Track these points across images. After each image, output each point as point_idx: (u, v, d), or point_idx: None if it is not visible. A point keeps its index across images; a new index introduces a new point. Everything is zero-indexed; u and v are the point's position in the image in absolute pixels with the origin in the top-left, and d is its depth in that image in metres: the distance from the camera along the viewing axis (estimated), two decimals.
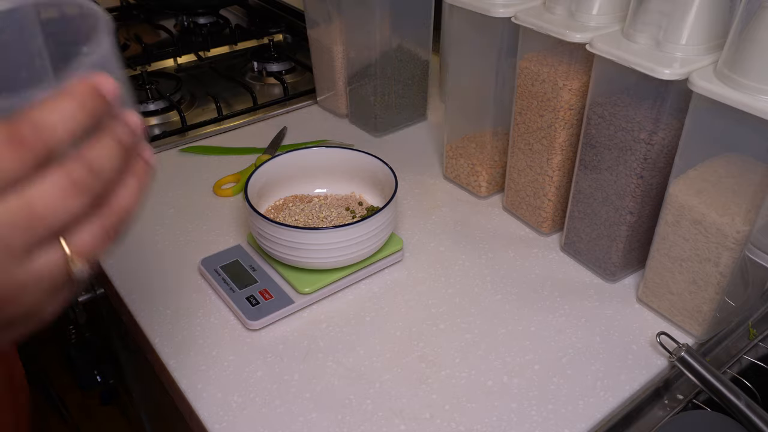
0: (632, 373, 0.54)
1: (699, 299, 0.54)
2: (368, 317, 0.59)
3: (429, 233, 0.70)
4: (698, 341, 0.57)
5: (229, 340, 0.57)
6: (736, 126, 0.47)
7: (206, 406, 0.51)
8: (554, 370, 0.54)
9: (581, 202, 0.62)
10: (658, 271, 0.57)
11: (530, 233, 0.70)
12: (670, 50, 0.50)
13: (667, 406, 0.53)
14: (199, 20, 1.19)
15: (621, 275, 0.63)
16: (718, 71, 0.47)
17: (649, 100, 0.52)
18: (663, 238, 0.55)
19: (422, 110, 0.92)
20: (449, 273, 0.64)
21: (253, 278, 0.61)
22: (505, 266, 0.65)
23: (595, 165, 0.59)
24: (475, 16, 0.63)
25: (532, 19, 0.58)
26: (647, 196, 0.57)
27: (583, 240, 0.64)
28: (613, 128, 0.55)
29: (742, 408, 0.48)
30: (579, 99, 0.60)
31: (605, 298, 0.61)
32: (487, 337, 0.57)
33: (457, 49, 0.70)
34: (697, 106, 0.49)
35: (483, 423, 0.50)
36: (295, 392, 0.52)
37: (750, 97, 0.44)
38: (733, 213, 0.49)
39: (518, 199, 0.70)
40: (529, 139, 0.65)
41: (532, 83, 0.62)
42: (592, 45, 0.53)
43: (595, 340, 0.57)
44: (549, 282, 0.63)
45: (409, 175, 0.80)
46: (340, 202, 0.67)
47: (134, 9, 1.26)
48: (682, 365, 0.51)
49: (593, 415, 0.50)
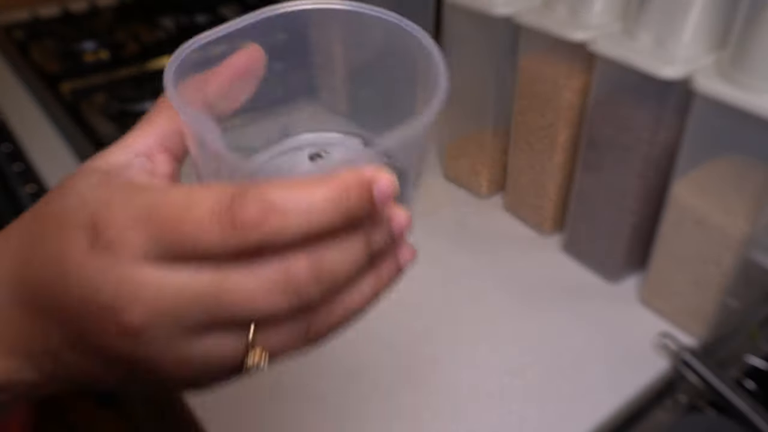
0: (634, 375, 0.53)
1: (701, 300, 0.54)
2: (368, 316, 0.59)
3: (429, 233, 0.69)
4: (700, 342, 0.56)
5: None
6: (739, 126, 0.46)
7: (205, 406, 0.50)
8: (555, 370, 0.54)
9: (583, 202, 0.62)
10: (660, 272, 0.57)
11: (531, 233, 0.70)
12: (672, 49, 0.50)
13: (669, 408, 0.53)
14: (198, 19, 1.19)
15: (623, 276, 0.63)
16: (721, 70, 0.47)
17: (651, 100, 0.51)
18: (665, 238, 0.55)
19: None
20: (449, 273, 0.64)
21: None
22: (506, 266, 0.65)
23: (597, 165, 0.58)
24: (476, 16, 0.62)
25: (532, 18, 0.58)
26: (649, 197, 0.57)
27: (585, 240, 0.63)
28: (615, 128, 0.55)
29: (746, 410, 0.48)
30: (580, 98, 0.59)
31: (607, 299, 0.61)
32: (487, 337, 0.57)
33: (457, 49, 0.70)
34: (699, 105, 0.48)
35: (483, 423, 0.49)
36: (293, 392, 0.52)
37: (753, 96, 0.44)
38: (735, 213, 0.49)
39: (519, 199, 0.70)
40: (530, 139, 0.65)
41: (533, 82, 0.61)
42: (593, 44, 0.53)
43: (596, 340, 0.56)
44: (550, 282, 0.63)
45: None
46: None
47: (132, 7, 1.26)
48: (684, 366, 0.51)
49: (594, 417, 0.50)
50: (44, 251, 0.23)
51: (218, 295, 0.20)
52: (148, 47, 1.06)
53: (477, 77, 0.69)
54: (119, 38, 1.13)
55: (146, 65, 1.04)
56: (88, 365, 0.23)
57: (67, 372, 0.24)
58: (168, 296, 0.20)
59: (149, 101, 0.91)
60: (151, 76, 0.96)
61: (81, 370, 0.24)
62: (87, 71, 0.99)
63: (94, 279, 0.21)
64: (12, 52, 1.05)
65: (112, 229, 0.21)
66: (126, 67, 1.02)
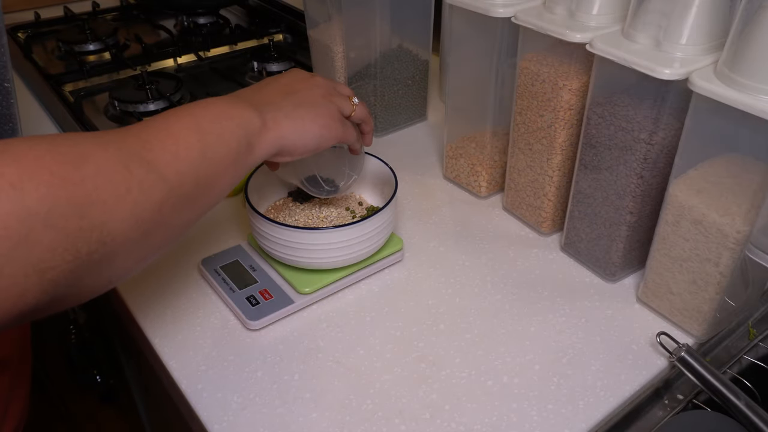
0: (632, 373, 0.54)
1: (699, 299, 0.54)
2: (368, 317, 0.59)
3: (429, 233, 0.70)
4: (698, 341, 0.57)
5: (229, 340, 0.57)
6: (737, 126, 0.47)
7: (206, 406, 0.51)
8: (554, 370, 0.54)
9: (581, 202, 0.62)
10: (658, 271, 0.57)
11: (530, 233, 0.70)
12: (670, 50, 0.50)
13: (667, 406, 0.53)
14: (199, 20, 1.19)
15: (621, 275, 0.63)
16: (718, 71, 0.47)
17: (649, 100, 0.52)
18: (663, 238, 0.55)
19: (422, 110, 0.92)
20: (449, 273, 0.64)
21: (253, 278, 0.61)
22: (505, 266, 0.65)
23: (595, 165, 0.59)
24: (475, 16, 0.63)
25: (532, 19, 0.58)
26: (647, 196, 0.57)
27: (583, 240, 0.64)
28: (613, 128, 0.55)
29: (742, 408, 0.48)
30: (579, 99, 0.60)
31: (605, 298, 0.61)
32: (487, 337, 0.57)
33: (457, 49, 0.70)
34: (697, 106, 0.49)
35: (483, 423, 0.50)
36: (295, 392, 0.52)
37: (750, 97, 0.44)
38: (733, 213, 0.49)
39: (518, 199, 0.70)
40: (529, 139, 0.65)
41: (532, 83, 0.62)
42: (592, 45, 0.53)
43: (595, 340, 0.57)
44: (549, 282, 0.63)
45: (409, 175, 0.80)
46: (340, 202, 0.67)
47: (134, 9, 1.26)
48: (682, 365, 0.51)
49: (593, 415, 0.50)
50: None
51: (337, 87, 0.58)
52: (150, 49, 1.07)
53: (476, 78, 0.69)
54: (121, 40, 1.13)
55: (148, 66, 1.04)
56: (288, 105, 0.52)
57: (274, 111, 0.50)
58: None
59: (151, 102, 0.91)
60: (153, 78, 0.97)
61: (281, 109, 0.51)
62: (89, 72, 1.00)
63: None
64: (15, 53, 1.05)
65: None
66: (128, 69, 1.02)
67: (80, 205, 0.33)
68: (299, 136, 0.50)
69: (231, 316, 0.59)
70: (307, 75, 0.56)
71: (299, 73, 0.56)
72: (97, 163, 0.35)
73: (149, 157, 0.39)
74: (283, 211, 0.65)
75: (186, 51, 1.08)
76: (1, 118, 0.53)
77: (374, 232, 0.59)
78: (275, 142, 0.49)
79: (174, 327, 0.58)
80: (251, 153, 0.47)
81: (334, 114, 0.54)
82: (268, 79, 0.55)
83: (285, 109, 0.50)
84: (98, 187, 0.34)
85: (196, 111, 0.44)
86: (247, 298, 0.59)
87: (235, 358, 0.55)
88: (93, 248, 0.34)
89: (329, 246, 0.57)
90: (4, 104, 0.53)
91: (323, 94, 0.54)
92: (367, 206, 0.68)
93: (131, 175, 0.37)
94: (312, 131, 0.51)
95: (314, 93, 0.54)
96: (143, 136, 0.40)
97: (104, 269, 0.36)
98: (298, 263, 0.59)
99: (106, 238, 0.35)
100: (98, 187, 0.34)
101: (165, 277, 0.63)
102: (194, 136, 0.42)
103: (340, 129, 0.54)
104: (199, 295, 0.61)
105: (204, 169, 0.42)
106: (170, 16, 1.23)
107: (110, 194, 0.35)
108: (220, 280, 0.61)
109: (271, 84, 0.53)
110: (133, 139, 0.39)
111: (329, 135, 0.53)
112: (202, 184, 0.42)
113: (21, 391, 0.55)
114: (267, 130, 0.48)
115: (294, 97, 0.52)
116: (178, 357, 0.55)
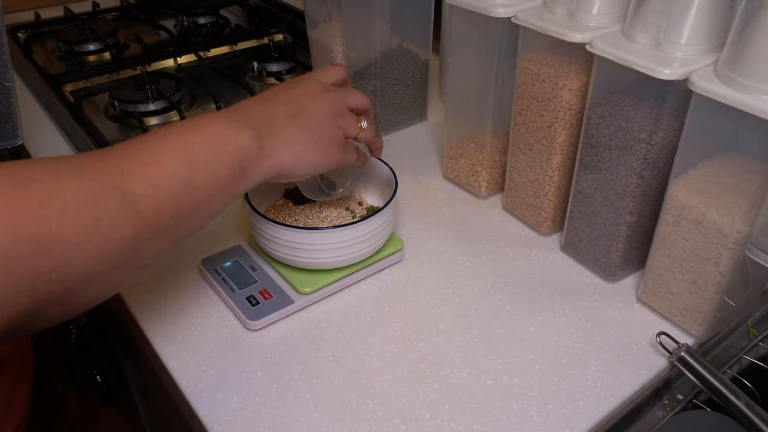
0: (632, 373, 0.54)
1: (699, 299, 0.54)
2: (368, 317, 0.59)
3: (429, 233, 0.70)
4: (698, 341, 0.57)
5: (229, 340, 0.57)
6: (737, 126, 0.47)
7: (206, 406, 0.51)
8: (554, 370, 0.54)
9: (581, 202, 0.62)
10: (658, 271, 0.57)
11: (530, 233, 0.70)
12: (670, 50, 0.50)
13: (667, 406, 0.53)
14: (199, 20, 1.19)
15: (621, 275, 0.63)
16: (718, 71, 0.47)
17: (649, 100, 0.52)
18: (663, 238, 0.55)
19: (422, 110, 0.92)
20: (449, 273, 0.64)
21: (253, 278, 0.61)
22: (505, 266, 0.65)
23: (595, 165, 0.59)
24: (475, 16, 0.63)
25: (532, 19, 0.58)
26: (647, 196, 0.57)
27: (583, 240, 0.64)
28: (613, 128, 0.55)
29: (742, 408, 0.48)
30: (579, 99, 0.60)
31: (605, 298, 0.61)
32: (487, 337, 0.57)
33: (457, 49, 0.70)
34: (697, 106, 0.49)
35: (483, 423, 0.50)
36: (295, 392, 0.52)
37: (750, 97, 0.44)
38: (733, 213, 0.49)
39: (518, 199, 0.70)
40: (529, 139, 0.65)
41: (532, 83, 0.62)
42: (592, 45, 0.53)
43: (595, 340, 0.57)
44: (549, 282, 0.63)
45: (409, 175, 0.80)
46: (339, 202, 0.67)
47: (134, 9, 1.26)
48: (682, 365, 0.51)
49: (593, 415, 0.50)
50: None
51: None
52: (150, 49, 1.07)
53: (476, 78, 0.69)
54: (121, 40, 1.13)
55: (148, 66, 1.04)
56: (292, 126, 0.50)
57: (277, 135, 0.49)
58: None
59: (151, 102, 0.91)
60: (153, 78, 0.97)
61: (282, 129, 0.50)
62: (90, 72, 1.00)
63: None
64: (15, 53, 1.05)
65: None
66: (128, 69, 1.02)
67: (41, 244, 0.32)
68: (298, 163, 0.49)
69: (231, 316, 0.59)
70: (318, 88, 0.53)
71: (311, 85, 0.53)
72: (64, 199, 0.34)
73: (126, 188, 0.37)
74: (283, 211, 0.65)
75: (186, 51, 1.08)
76: (2, 117, 0.53)
77: (374, 233, 0.59)
78: (271, 170, 0.48)
79: (174, 327, 0.58)
80: (244, 178, 0.46)
81: (337, 139, 0.53)
82: (279, 87, 0.53)
83: (286, 133, 0.49)
84: (62, 225, 0.33)
85: (192, 131, 0.43)
86: (247, 298, 0.59)
87: (235, 358, 0.55)
88: (51, 288, 0.33)
89: (329, 246, 0.57)
90: (4, 103, 0.53)
91: (330, 115, 0.52)
92: (367, 206, 0.68)
93: (101, 210, 0.35)
94: (311, 158, 0.50)
95: (321, 114, 0.51)
96: (124, 163, 0.38)
97: (68, 302, 0.35)
98: (298, 263, 0.59)
99: (67, 276, 0.34)
100: (62, 225, 0.33)
101: (165, 277, 0.63)
102: (181, 164, 0.41)
103: (341, 154, 0.53)
104: (199, 295, 0.61)
105: (188, 198, 0.41)
106: (170, 16, 1.23)
107: (76, 232, 0.34)
108: (220, 280, 0.61)
109: (279, 96, 0.51)
110: (111, 167, 0.37)
111: (329, 162, 0.52)
112: (183, 213, 0.41)
113: (23, 391, 0.55)
114: (264, 156, 0.47)
115: (299, 119, 0.50)
116: (178, 357, 0.55)
